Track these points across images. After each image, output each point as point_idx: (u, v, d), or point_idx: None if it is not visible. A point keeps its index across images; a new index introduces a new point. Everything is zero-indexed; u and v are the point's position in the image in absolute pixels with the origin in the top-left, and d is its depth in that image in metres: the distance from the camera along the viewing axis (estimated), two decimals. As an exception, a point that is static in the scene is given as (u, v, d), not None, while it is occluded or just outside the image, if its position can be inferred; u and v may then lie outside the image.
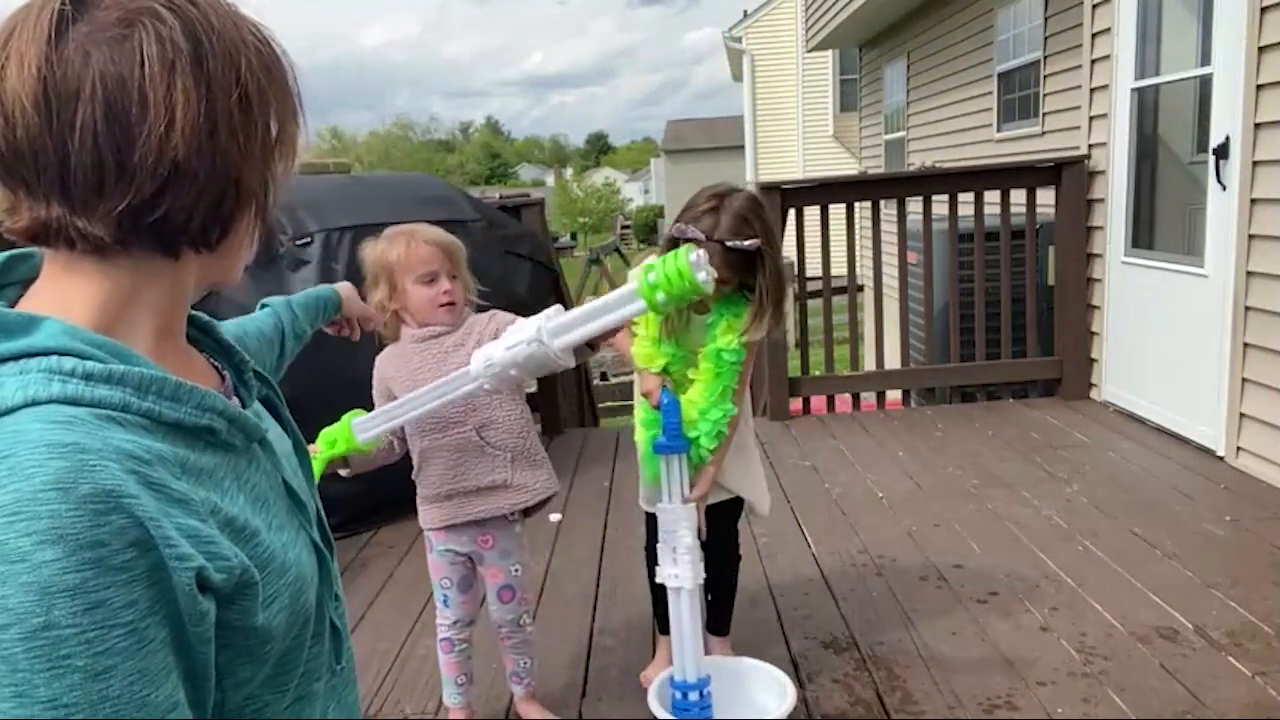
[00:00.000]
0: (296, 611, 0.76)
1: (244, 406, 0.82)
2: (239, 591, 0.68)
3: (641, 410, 2.32)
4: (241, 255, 0.78)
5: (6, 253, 0.75)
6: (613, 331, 1.65)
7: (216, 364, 0.85)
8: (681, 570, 2.17)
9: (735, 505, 2.53)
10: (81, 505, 0.59)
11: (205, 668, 0.67)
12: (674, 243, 2.15)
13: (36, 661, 0.58)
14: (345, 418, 1.88)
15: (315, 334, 1.57)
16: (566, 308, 1.60)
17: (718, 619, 2.64)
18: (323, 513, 0.88)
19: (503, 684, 2.56)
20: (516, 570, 2.35)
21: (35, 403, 0.64)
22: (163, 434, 0.68)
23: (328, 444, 1.87)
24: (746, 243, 2.08)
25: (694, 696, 2.14)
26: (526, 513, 2.33)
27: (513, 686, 2.48)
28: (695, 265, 1.45)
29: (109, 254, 0.70)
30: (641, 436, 2.33)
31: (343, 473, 2.01)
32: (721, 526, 2.45)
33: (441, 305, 2.17)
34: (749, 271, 2.17)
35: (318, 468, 1.84)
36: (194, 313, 0.82)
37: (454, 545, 2.31)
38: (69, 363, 0.66)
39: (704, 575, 2.21)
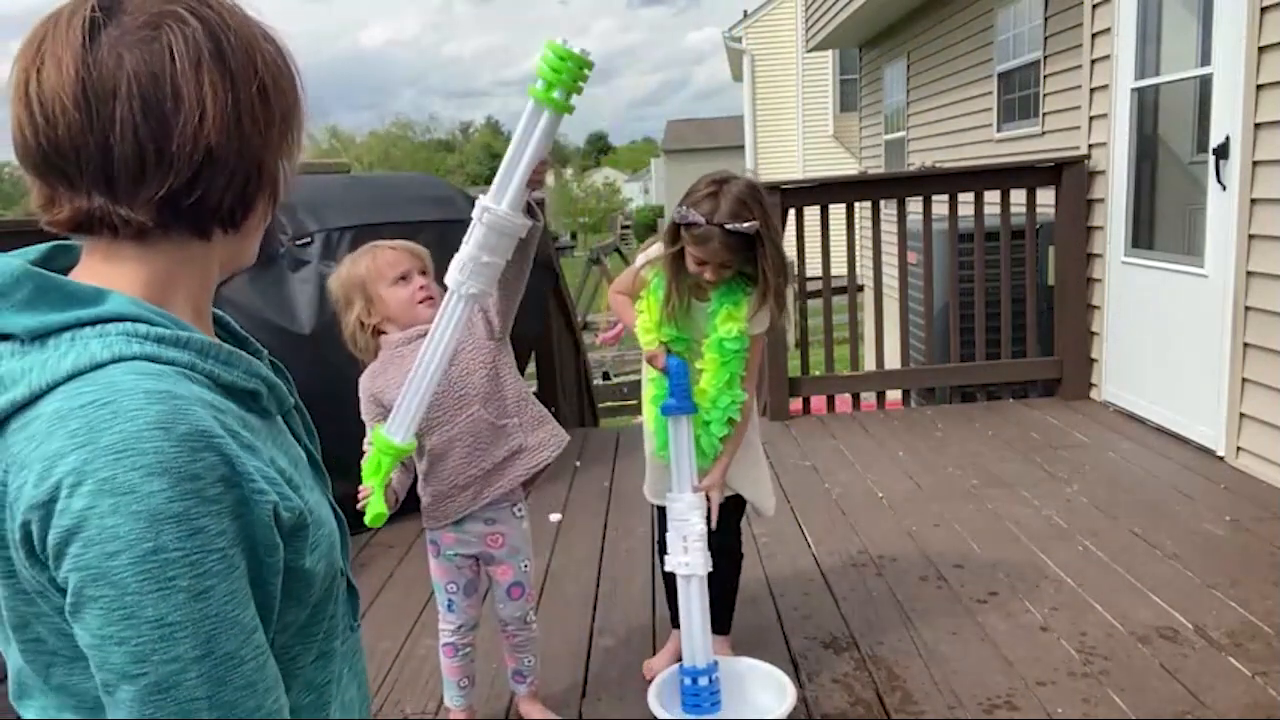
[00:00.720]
0: (331, 563, 0.83)
1: None
2: (294, 533, 0.76)
3: (653, 387, 2.34)
4: (257, 235, 0.86)
5: (50, 244, 0.81)
6: (541, 172, 1.69)
7: None
8: (692, 558, 2.21)
9: (738, 503, 2.53)
10: (181, 443, 0.67)
11: (270, 601, 0.74)
12: (676, 229, 2.21)
13: (146, 583, 0.65)
14: (374, 438, 1.82)
15: (315, 338, 1.57)
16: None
17: (718, 617, 2.64)
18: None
19: (503, 684, 2.56)
20: (525, 566, 2.36)
21: (122, 359, 0.71)
22: (221, 393, 0.76)
23: (373, 470, 1.80)
24: (745, 225, 2.12)
25: (704, 682, 2.16)
26: (526, 485, 2.33)
27: (515, 686, 2.48)
28: (567, 44, 1.47)
29: (148, 238, 0.76)
30: (651, 413, 2.35)
31: (389, 510, 1.97)
32: (724, 524, 2.46)
33: (421, 301, 2.17)
34: (749, 258, 2.20)
35: (377, 502, 1.81)
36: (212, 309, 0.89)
37: (462, 549, 2.31)
38: (142, 328, 0.73)
39: (711, 566, 2.24)
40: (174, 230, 0.77)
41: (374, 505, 1.80)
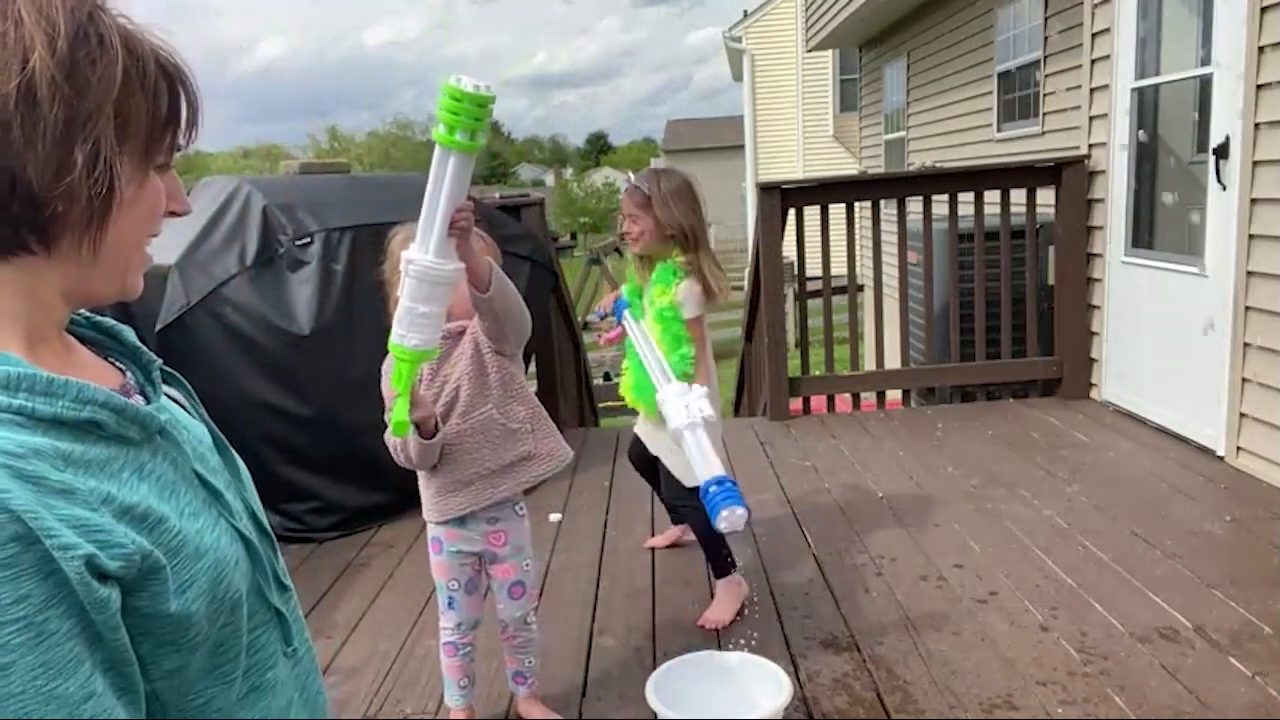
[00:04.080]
0: (219, 597, 0.74)
1: (148, 403, 0.81)
2: (145, 577, 0.67)
3: (630, 376, 2.82)
4: (102, 263, 0.74)
5: None
6: (464, 215, 1.69)
7: (120, 365, 0.85)
8: (693, 406, 2.08)
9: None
10: None
11: (124, 654, 0.66)
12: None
13: None
14: (392, 349, 1.76)
15: (314, 338, 1.56)
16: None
17: (714, 563, 2.90)
18: (257, 506, 0.88)
19: (503, 684, 2.56)
20: (527, 565, 2.38)
21: None
22: (42, 429, 0.67)
23: (397, 379, 1.78)
24: (643, 185, 2.79)
25: (728, 484, 1.94)
26: (526, 491, 2.34)
27: (515, 687, 2.48)
28: (462, 82, 1.47)
29: None
30: (629, 386, 2.86)
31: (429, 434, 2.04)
32: (674, 486, 2.85)
33: None
34: (658, 226, 2.79)
35: (400, 410, 1.79)
36: (100, 318, 0.84)
37: (464, 545, 2.32)
38: None
39: (714, 414, 2.21)
40: None
41: (397, 412, 1.80)
